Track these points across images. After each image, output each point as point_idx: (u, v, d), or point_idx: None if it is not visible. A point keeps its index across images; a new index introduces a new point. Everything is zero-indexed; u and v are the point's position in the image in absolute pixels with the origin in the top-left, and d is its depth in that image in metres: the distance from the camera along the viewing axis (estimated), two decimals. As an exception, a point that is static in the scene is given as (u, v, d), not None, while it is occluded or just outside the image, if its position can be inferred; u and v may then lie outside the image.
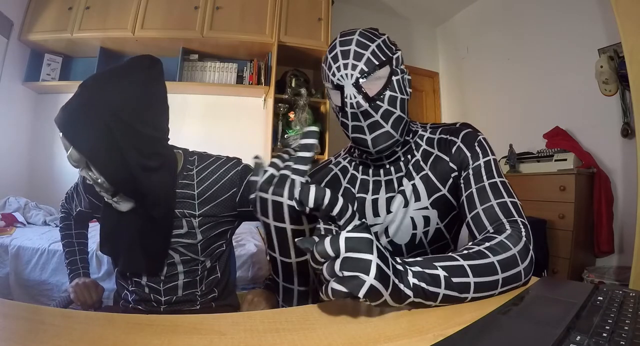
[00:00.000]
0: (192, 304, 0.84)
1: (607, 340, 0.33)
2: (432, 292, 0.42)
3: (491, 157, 0.67)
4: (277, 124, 2.66)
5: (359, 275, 0.36)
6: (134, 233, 0.74)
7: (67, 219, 1.00)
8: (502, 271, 0.48)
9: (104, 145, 0.63)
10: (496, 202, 0.60)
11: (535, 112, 2.67)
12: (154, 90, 0.69)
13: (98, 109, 0.61)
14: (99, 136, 0.62)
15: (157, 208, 0.72)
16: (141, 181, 0.67)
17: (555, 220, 2.10)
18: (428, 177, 0.72)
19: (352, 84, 0.64)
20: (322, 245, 0.37)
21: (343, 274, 0.36)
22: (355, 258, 0.36)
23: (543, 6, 2.61)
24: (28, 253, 1.66)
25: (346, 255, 0.36)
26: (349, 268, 0.36)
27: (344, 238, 0.37)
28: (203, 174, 0.80)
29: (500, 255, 0.50)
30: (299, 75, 2.81)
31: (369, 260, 0.36)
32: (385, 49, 0.66)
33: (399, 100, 0.67)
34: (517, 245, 0.52)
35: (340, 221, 0.41)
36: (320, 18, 2.68)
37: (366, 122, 0.66)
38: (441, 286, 0.43)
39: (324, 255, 0.37)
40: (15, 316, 0.43)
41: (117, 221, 0.76)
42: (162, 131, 0.72)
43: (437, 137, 0.74)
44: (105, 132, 0.62)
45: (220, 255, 0.87)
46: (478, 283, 0.46)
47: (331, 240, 0.37)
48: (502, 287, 0.48)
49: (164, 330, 0.39)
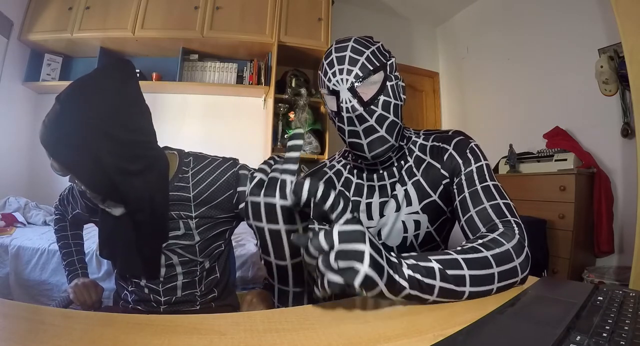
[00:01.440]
0: (191, 304, 0.84)
1: (607, 340, 0.33)
2: (428, 284, 0.43)
3: (483, 162, 0.69)
4: (277, 124, 2.66)
5: (353, 265, 0.37)
6: (129, 237, 0.74)
7: (62, 221, 1.00)
8: (497, 266, 0.49)
9: (80, 155, 0.63)
10: (489, 204, 0.61)
11: (535, 112, 2.67)
12: (126, 92, 0.68)
13: (71, 121, 0.62)
14: (74, 146, 0.62)
15: (141, 213, 0.71)
16: (122, 186, 0.67)
17: (555, 220, 2.10)
18: (419, 183, 0.74)
19: (347, 88, 0.66)
20: (316, 239, 0.38)
21: (338, 265, 0.37)
22: (349, 250, 0.38)
23: (543, 6, 2.61)
24: (28, 253, 1.66)
25: (340, 247, 0.38)
26: (344, 259, 0.37)
27: (337, 231, 0.38)
28: (199, 176, 0.79)
29: (493, 250, 0.51)
30: (299, 75, 2.81)
31: (362, 251, 0.38)
32: (379, 55, 0.68)
33: (392, 105, 0.69)
34: (511, 242, 0.53)
35: (333, 215, 0.41)
36: (320, 18, 2.68)
37: (361, 126, 0.67)
38: (436, 278, 0.44)
39: (318, 249, 0.38)
40: (15, 316, 0.43)
41: (113, 225, 0.75)
42: (143, 133, 0.70)
43: (430, 144, 0.76)
44: (81, 142, 0.62)
45: (219, 256, 0.87)
46: (473, 276, 0.46)
47: (325, 234, 0.38)
48: (500, 282, 0.49)
49: (164, 330, 0.39)
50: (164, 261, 0.79)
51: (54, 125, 0.62)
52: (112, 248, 0.79)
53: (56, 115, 0.62)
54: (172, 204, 0.77)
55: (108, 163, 0.64)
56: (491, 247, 0.51)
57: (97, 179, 0.65)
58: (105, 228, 0.79)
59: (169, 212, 0.76)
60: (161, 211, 0.74)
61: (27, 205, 2.19)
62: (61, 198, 0.96)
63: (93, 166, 0.64)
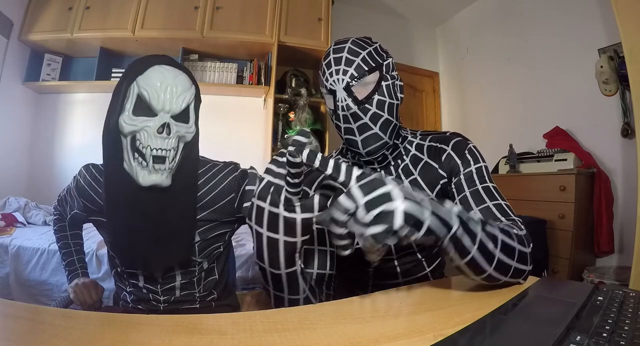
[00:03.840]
0: (191, 303, 0.84)
1: (607, 340, 0.33)
2: (472, 230, 0.42)
3: (482, 163, 0.70)
4: (277, 124, 2.66)
5: (387, 208, 0.36)
6: (163, 215, 0.72)
7: (61, 221, 0.99)
8: (517, 243, 0.50)
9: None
10: (492, 203, 0.63)
11: (535, 112, 2.67)
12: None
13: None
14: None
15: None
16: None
17: (555, 220, 2.10)
18: (417, 182, 0.75)
19: (343, 87, 0.68)
20: (338, 204, 0.37)
21: (372, 216, 0.36)
22: (375, 197, 0.36)
23: (543, 6, 2.61)
24: (28, 253, 1.66)
25: (366, 199, 0.36)
26: (374, 207, 0.36)
27: (356, 187, 0.37)
28: (200, 180, 0.78)
29: (513, 229, 0.52)
30: (299, 75, 2.81)
31: (388, 191, 0.36)
32: (375, 56, 0.70)
33: (387, 104, 0.70)
34: (522, 231, 0.55)
35: (339, 177, 0.40)
36: (320, 18, 2.68)
37: (356, 124, 0.69)
38: (478, 228, 0.43)
39: (344, 211, 0.37)
40: (15, 316, 0.43)
41: (139, 213, 0.72)
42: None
43: (427, 144, 0.76)
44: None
45: (218, 256, 0.87)
46: (503, 242, 0.47)
47: (346, 194, 0.37)
48: (517, 262, 0.49)
49: (164, 330, 0.39)
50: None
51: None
52: (135, 241, 0.74)
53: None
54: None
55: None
56: (511, 227, 0.53)
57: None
58: (122, 222, 0.74)
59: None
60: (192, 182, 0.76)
61: (27, 205, 2.19)
62: (60, 199, 0.96)
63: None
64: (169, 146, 0.69)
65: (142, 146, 0.67)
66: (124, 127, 0.67)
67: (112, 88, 0.72)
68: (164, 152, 0.68)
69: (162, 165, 0.68)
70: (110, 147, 0.71)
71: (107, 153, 0.73)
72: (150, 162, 0.67)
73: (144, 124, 0.67)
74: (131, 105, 0.68)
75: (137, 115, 0.68)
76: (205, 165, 0.81)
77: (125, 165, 0.70)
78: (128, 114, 0.68)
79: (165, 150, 0.68)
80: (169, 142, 0.68)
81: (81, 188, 0.82)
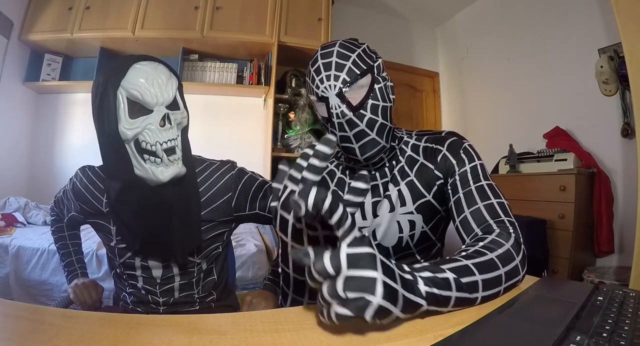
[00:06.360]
0: (190, 305, 0.83)
1: (607, 340, 0.33)
2: (445, 297, 0.41)
3: (477, 162, 0.69)
4: (277, 124, 2.66)
5: (364, 296, 0.33)
6: (175, 208, 0.73)
7: (59, 222, 0.99)
8: (503, 266, 0.49)
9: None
10: (483, 204, 0.62)
11: (535, 112, 2.67)
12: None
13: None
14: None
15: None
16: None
17: (555, 220, 2.09)
18: (413, 183, 0.74)
19: (336, 94, 0.66)
20: (320, 262, 0.34)
21: (347, 296, 0.33)
22: (358, 277, 0.33)
23: (543, 6, 2.61)
24: (28, 253, 1.66)
25: (348, 274, 0.33)
26: (353, 289, 0.33)
27: (345, 255, 0.34)
28: (198, 179, 0.79)
29: (496, 251, 0.50)
30: (299, 75, 2.80)
31: (373, 278, 0.33)
32: (365, 58, 0.68)
33: (381, 108, 0.69)
34: (509, 241, 0.54)
35: (339, 231, 0.36)
36: (320, 18, 2.68)
37: (352, 131, 0.68)
38: (452, 289, 0.42)
39: (323, 274, 0.34)
40: (15, 316, 0.42)
41: (151, 207, 0.72)
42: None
43: (423, 144, 0.76)
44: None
45: (216, 257, 0.87)
46: (485, 280, 0.46)
47: (331, 257, 0.34)
48: (506, 282, 0.48)
49: (164, 330, 0.39)
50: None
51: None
52: (166, 231, 0.74)
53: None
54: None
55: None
56: (493, 248, 0.51)
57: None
58: (132, 215, 0.73)
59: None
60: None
61: (27, 205, 2.19)
62: (56, 200, 0.95)
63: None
64: (174, 135, 0.70)
65: (149, 145, 0.67)
66: (127, 133, 0.66)
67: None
68: (172, 142, 0.69)
69: (174, 155, 0.69)
70: (114, 161, 0.70)
71: (113, 168, 0.72)
72: (164, 156, 0.68)
73: (145, 123, 0.67)
74: (125, 110, 0.67)
75: (135, 117, 0.67)
76: (202, 164, 0.81)
77: (137, 171, 0.69)
78: (125, 120, 0.67)
79: (172, 140, 0.69)
80: (172, 132, 0.69)
81: (77, 191, 0.81)
